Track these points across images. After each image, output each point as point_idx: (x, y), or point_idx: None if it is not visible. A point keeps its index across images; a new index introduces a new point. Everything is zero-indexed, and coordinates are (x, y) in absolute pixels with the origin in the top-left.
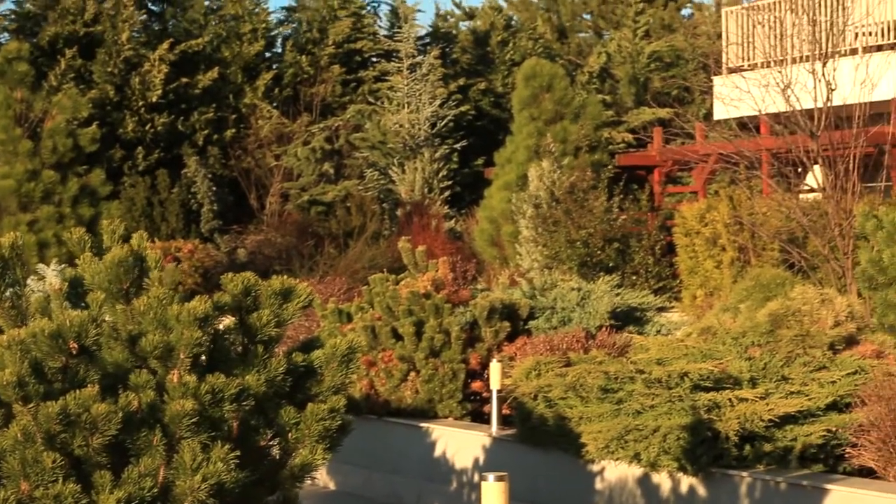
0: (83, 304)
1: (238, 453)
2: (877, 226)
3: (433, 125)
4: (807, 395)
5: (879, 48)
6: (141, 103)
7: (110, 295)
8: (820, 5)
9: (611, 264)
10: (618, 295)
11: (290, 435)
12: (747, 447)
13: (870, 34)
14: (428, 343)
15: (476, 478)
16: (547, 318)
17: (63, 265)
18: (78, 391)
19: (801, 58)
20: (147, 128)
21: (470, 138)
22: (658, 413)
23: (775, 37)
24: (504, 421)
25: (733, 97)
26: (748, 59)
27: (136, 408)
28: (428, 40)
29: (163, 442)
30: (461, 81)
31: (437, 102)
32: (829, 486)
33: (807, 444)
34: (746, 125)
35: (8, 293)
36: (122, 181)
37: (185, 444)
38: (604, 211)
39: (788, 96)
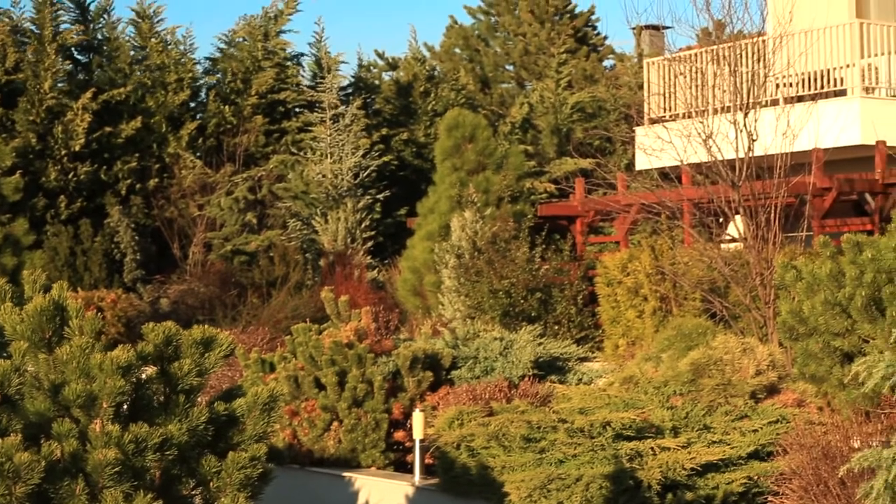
0: (5, 354)
1: (161, 503)
2: (796, 277)
3: (356, 175)
4: (728, 444)
5: (800, 99)
6: (64, 152)
7: (32, 344)
8: (741, 56)
9: (533, 314)
10: (540, 345)
11: (211, 484)
12: (669, 496)
13: (791, 85)
14: (351, 393)
15: None
16: (470, 367)
17: None
18: (0, 440)
19: (722, 108)
20: (70, 177)
21: (393, 188)
22: (580, 462)
23: (697, 87)
24: (427, 470)
25: (655, 147)
26: (670, 110)
27: (59, 457)
28: (351, 91)
29: (85, 491)
30: (384, 131)
31: (360, 153)
32: None
33: (728, 493)
34: (668, 175)
35: None
36: (44, 230)
37: (107, 493)
38: (526, 261)
39: (710, 147)
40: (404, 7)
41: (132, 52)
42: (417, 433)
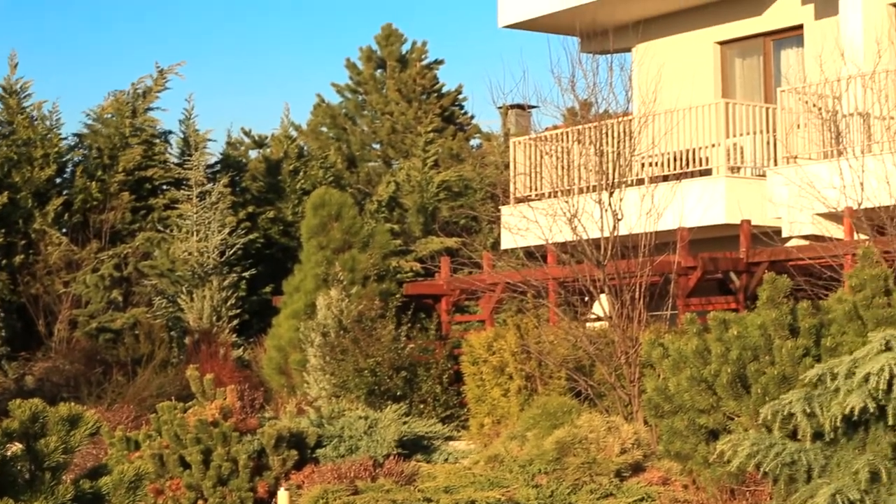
0: None
1: None
2: (663, 354)
3: (222, 253)
4: None
5: (665, 178)
6: None
7: None
8: (606, 136)
9: (399, 393)
10: (405, 423)
11: None
12: None
13: (655, 164)
14: (216, 471)
15: None
16: (335, 446)
17: None
18: None
19: (588, 188)
20: None
21: (259, 266)
22: None
23: (563, 167)
24: None
25: (521, 227)
26: (536, 189)
27: None
28: (218, 168)
29: None
30: (251, 209)
31: (227, 230)
32: None
33: None
34: (534, 254)
35: None
36: None
37: None
38: (392, 340)
39: (575, 226)
40: (272, 85)
41: None
42: None
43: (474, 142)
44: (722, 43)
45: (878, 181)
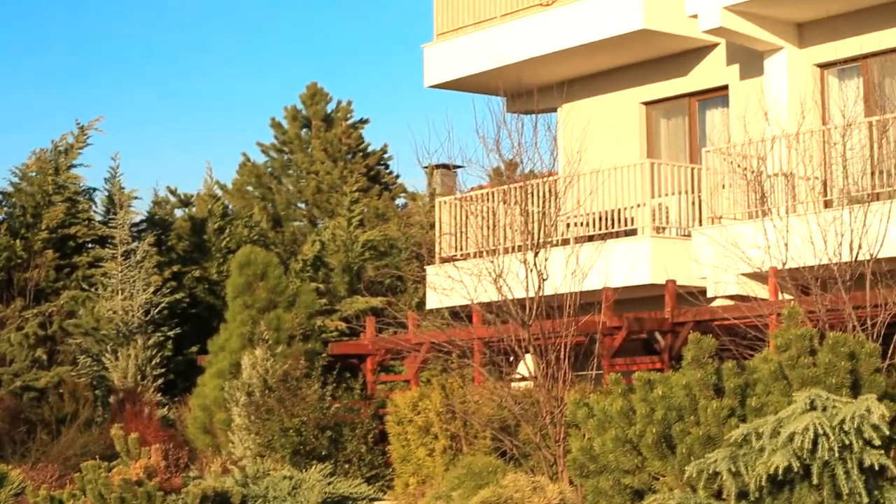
0: None
1: None
2: (588, 414)
3: (147, 312)
4: None
5: (591, 238)
6: None
7: None
8: (532, 196)
9: (324, 452)
10: (330, 484)
11: None
12: None
13: (581, 224)
14: None
15: None
16: None
17: None
18: None
19: (513, 248)
20: None
21: (184, 325)
22: None
23: (488, 227)
24: None
25: (446, 286)
26: (461, 249)
27: None
28: (144, 226)
29: None
30: (176, 268)
31: (152, 289)
32: None
33: None
34: (459, 314)
35: None
36: None
37: None
38: (317, 399)
39: (500, 286)
40: (198, 144)
41: None
42: None
43: (400, 201)
44: (647, 103)
45: (803, 241)
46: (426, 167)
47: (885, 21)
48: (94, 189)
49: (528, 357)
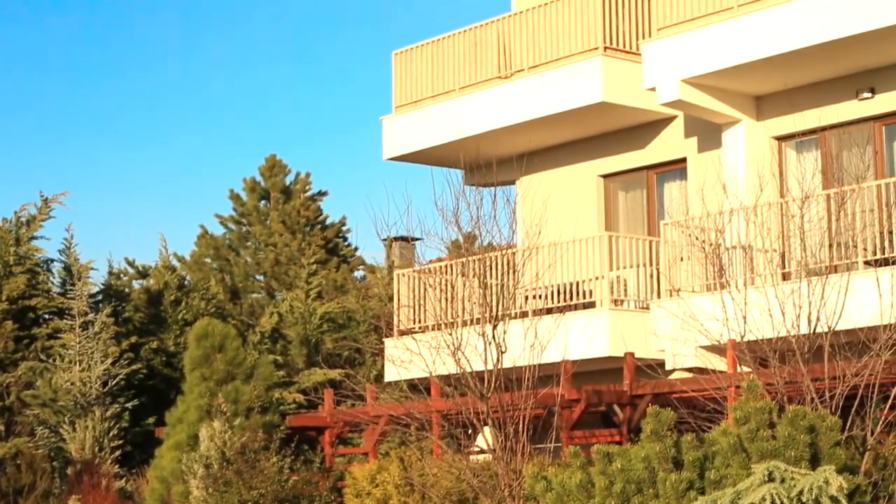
0: None
1: None
2: (546, 487)
3: (105, 383)
4: None
5: (549, 311)
6: None
7: None
8: (491, 268)
9: None
10: None
11: None
12: None
13: (539, 297)
14: None
15: None
16: None
17: None
18: None
19: (472, 320)
20: None
21: (142, 397)
22: None
23: (447, 299)
24: None
25: (404, 359)
26: (420, 322)
27: None
28: (101, 298)
29: None
30: (134, 340)
31: (110, 360)
32: None
33: None
34: (417, 387)
35: None
36: None
37: None
38: (275, 472)
39: (459, 358)
40: (157, 215)
41: None
42: None
43: (358, 273)
44: (605, 176)
45: (761, 313)
46: (385, 239)
47: (842, 94)
48: (52, 260)
49: (487, 430)
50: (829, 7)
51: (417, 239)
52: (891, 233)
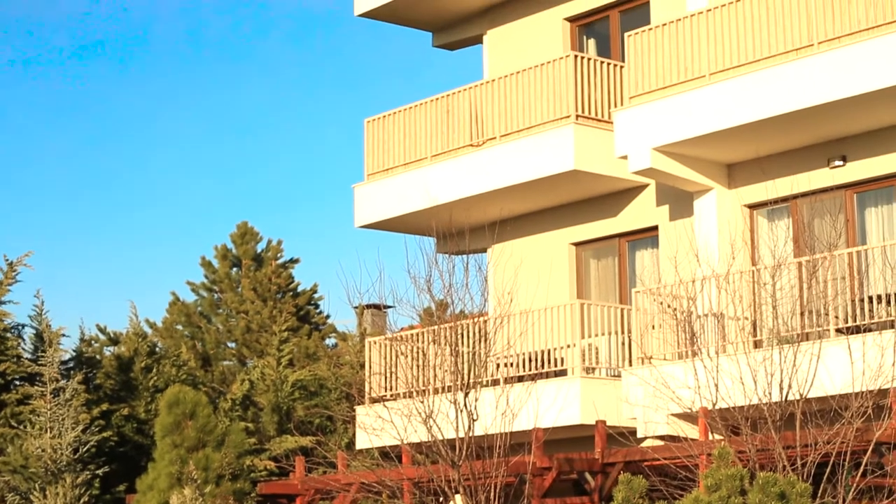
0: None
1: None
2: None
3: (76, 450)
4: None
5: (521, 378)
6: None
7: None
8: (462, 336)
9: None
10: None
11: None
12: None
13: (510, 365)
14: None
15: None
16: None
17: None
18: None
19: (443, 388)
20: None
21: (112, 464)
22: None
23: (418, 367)
24: None
25: (376, 426)
26: (391, 389)
27: None
28: (72, 364)
29: None
30: (105, 406)
31: (80, 427)
32: None
33: None
34: (389, 454)
35: None
36: None
37: None
38: None
39: (430, 426)
40: (128, 282)
41: None
42: None
43: (330, 341)
44: (577, 244)
45: (733, 381)
46: (357, 307)
47: (813, 161)
48: (22, 325)
49: (459, 497)
50: (800, 76)
51: (389, 307)
52: (862, 301)
